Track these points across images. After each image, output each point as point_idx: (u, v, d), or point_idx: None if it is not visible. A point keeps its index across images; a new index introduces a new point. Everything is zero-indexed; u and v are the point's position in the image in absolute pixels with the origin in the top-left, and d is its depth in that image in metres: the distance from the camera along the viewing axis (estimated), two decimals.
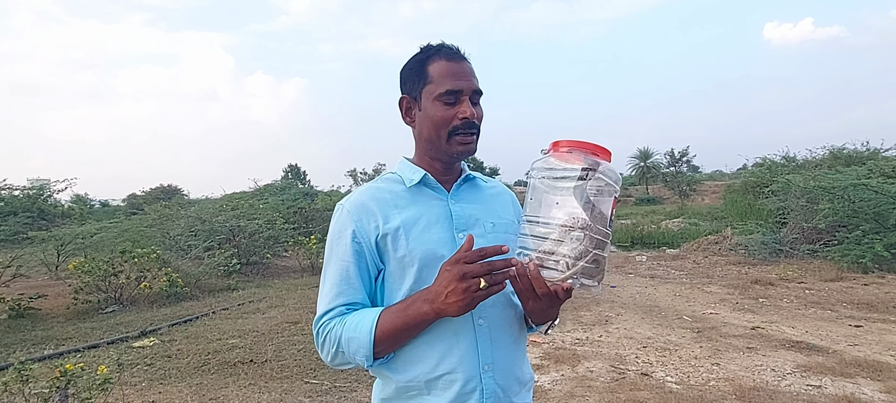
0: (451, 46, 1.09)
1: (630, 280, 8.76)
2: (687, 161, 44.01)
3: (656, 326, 5.53)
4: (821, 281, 7.77)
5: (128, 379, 4.09)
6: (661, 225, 17.05)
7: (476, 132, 1.07)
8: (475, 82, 1.06)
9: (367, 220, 1.05)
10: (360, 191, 1.11)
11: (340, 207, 1.10)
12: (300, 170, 42.12)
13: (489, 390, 1.01)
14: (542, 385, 3.85)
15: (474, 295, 0.90)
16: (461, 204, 1.10)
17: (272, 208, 14.36)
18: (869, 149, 12.86)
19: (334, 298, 1.02)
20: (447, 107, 1.04)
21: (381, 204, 1.06)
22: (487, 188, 1.18)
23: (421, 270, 1.01)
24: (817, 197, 9.51)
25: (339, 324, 1.00)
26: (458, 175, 1.14)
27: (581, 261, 0.88)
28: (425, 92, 1.07)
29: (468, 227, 1.06)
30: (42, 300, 6.93)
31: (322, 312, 1.03)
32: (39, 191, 14.84)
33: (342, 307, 1.02)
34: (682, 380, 3.91)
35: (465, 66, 1.07)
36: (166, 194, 27.73)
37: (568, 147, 0.94)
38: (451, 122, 1.04)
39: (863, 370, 4.00)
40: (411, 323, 0.96)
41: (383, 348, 0.98)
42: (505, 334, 1.06)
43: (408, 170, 1.12)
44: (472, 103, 1.06)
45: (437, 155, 1.10)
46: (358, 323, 0.98)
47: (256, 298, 7.62)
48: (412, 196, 1.09)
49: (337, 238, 1.06)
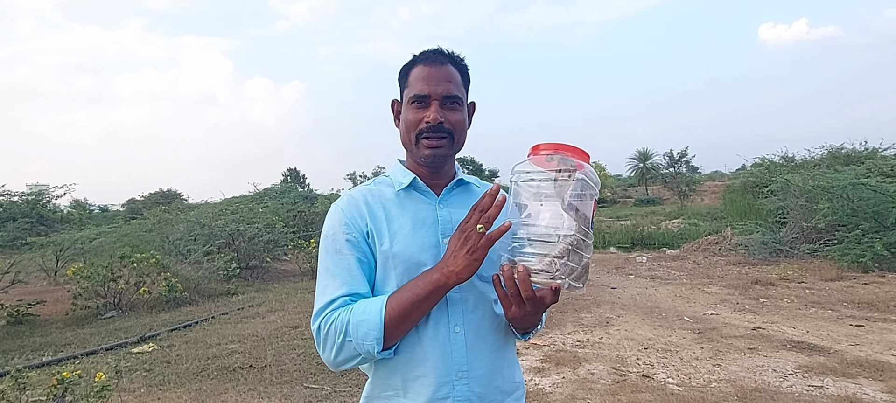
0: (436, 51, 1.09)
1: (630, 281, 8.75)
2: (686, 161, 44.08)
3: (657, 327, 5.52)
4: (821, 280, 7.76)
5: (126, 386, 4.07)
6: (660, 226, 17.05)
7: (445, 137, 1.05)
8: (450, 87, 1.05)
9: (358, 216, 1.06)
10: (353, 191, 1.12)
11: (334, 207, 1.11)
12: (299, 174, 42.09)
13: (462, 397, 1.01)
14: (542, 388, 3.84)
15: (478, 246, 0.92)
16: (449, 208, 1.09)
17: (272, 212, 14.37)
18: (867, 149, 12.86)
19: (337, 288, 1.00)
20: (416, 111, 1.05)
21: (370, 205, 1.08)
22: (479, 193, 1.15)
23: (404, 273, 1.02)
24: (816, 196, 9.51)
25: (345, 312, 0.97)
26: (449, 179, 1.13)
27: (568, 262, 0.89)
28: (404, 96, 1.09)
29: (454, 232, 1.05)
30: (41, 306, 6.92)
31: (323, 304, 0.99)
32: (38, 197, 14.80)
33: (345, 297, 0.99)
34: (684, 382, 3.89)
35: (440, 71, 1.05)
36: (166, 199, 27.68)
37: (547, 150, 0.94)
38: (418, 126, 1.05)
39: (864, 370, 3.99)
40: (422, 293, 0.95)
41: (394, 331, 0.96)
42: (483, 342, 1.05)
43: (399, 173, 1.12)
44: (445, 108, 1.04)
45: (414, 158, 1.11)
46: (366, 307, 0.97)
47: (256, 302, 7.60)
48: (400, 200, 1.09)
49: (332, 235, 1.06)
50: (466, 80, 1.12)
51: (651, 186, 41.65)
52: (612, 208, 33.37)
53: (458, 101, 1.07)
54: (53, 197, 15.26)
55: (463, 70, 1.11)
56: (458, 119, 1.06)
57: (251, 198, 19.73)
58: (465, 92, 1.11)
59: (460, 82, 1.09)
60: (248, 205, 14.49)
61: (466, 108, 1.12)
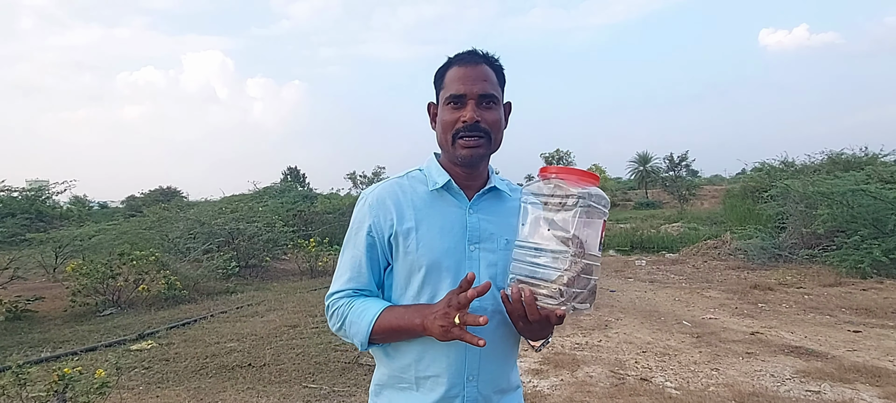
0: (470, 51, 1.10)
1: (629, 284, 8.75)
2: (686, 165, 44.03)
3: (656, 331, 5.52)
4: (820, 286, 7.77)
5: (125, 383, 4.07)
6: (660, 230, 17.03)
7: (483, 136, 1.05)
8: (485, 86, 1.05)
9: (383, 217, 1.08)
10: (384, 185, 1.14)
11: (364, 198, 1.14)
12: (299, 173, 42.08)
13: (470, 397, 1.07)
14: (541, 391, 3.84)
15: (451, 329, 0.93)
16: (479, 215, 1.09)
17: (271, 211, 14.35)
18: (867, 155, 12.88)
19: (346, 282, 1.11)
20: (453, 111, 1.06)
21: (398, 203, 1.09)
22: (510, 200, 1.15)
23: (427, 275, 1.05)
24: (816, 202, 9.52)
25: (347, 305, 1.08)
26: (483, 182, 1.13)
27: (573, 287, 0.90)
28: (440, 97, 1.11)
29: (482, 240, 1.07)
30: (39, 302, 6.90)
31: (335, 290, 1.12)
32: (38, 193, 14.79)
33: (350, 291, 1.10)
34: (682, 386, 3.90)
35: (476, 71, 1.06)
36: (165, 196, 27.66)
37: (557, 174, 0.96)
38: (455, 125, 1.05)
39: (862, 375, 3.99)
40: (404, 328, 1.02)
41: (378, 339, 1.06)
42: (496, 349, 1.08)
43: (435, 171, 1.12)
44: (481, 107, 1.05)
45: (450, 159, 1.11)
46: (363, 311, 1.06)
47: (255, 301, 7.60)
48: (432, 199, 1.10)
49: (356, 228, 1.12)
50: (502, 80, 1.12)
51: (651, 190, 41.65)
52: (612, 211, 32.92)
53: (495, 100, 1.07)
54: (53, 193, 15.27)
55: (498, 70, 1.11)
56: (494, 118, 1.07)
57: (251, 196, 19.68)
58: (501, 91, 1.11)
59: (496, 82, 1.09)
60: (248, 204, 14.46)
61: (503, 108, 1.12)
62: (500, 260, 1.07)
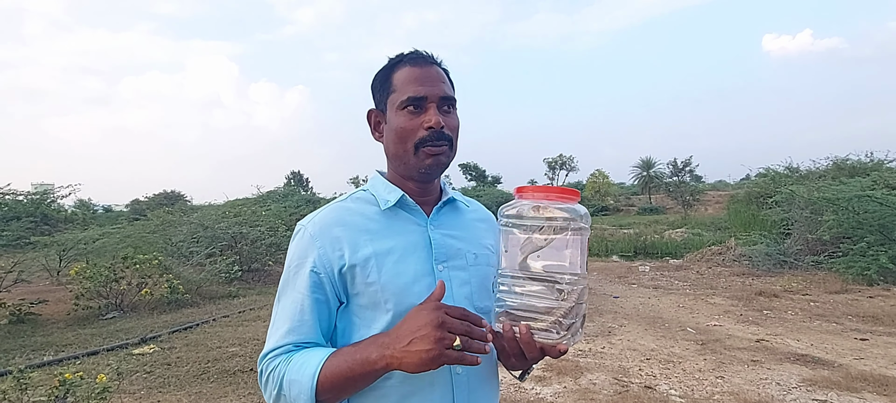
0: (419, 51, 0.98)
1: (633, 290, 8.71)
2: (690, 170, 43.97)
3: (660, 338, 5.48)
4: (826, 293, 7.71)
5: (127, 387, 4.07)
6: (664, 235, 16.97)
7: (447, 143, 0.93)
8: (444, 88, 0.95)
9: (331, 248, 0.91)
10: (327, 211, 0.97)
11: (301, 229, 0.95)
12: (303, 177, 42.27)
13: None
14: (544, 398, 3.81)
15: (445, 352, 0.77)
16: (441, 230, 0.98)
17: (274, 215, 14.39)
18: (873, 160, 12.81)
19: (284, 336, 0.90)
20: (411, 117, 0.92)
21: (349, 230, 0.93)
22: (469, 212, 1.06)
23: (397, 307, 0.89)
24: (821, 208, 9.47)
25: (284, 363, 0.87)
26: (437, 196, 1.02)
27: (569, 318, 0.82)
28: (389, 102, 0.95)
29: (449, 258, 0.95)
30: (43, 305, 6.94)
31: (269, 348, 0.90)
32: (43, 196, 14.84)
33: (290, 345, 0.89)
34: (686, 394, 3.86)
35: (432, 71, 0.95)
36: (169, 200, 27.82)
37: (534, 194, 0.87)
38: (417, 133, 0.92)
39: (869, 384, 3.95)
40: (357, 372, 0.81)
41: (329, 398, 0.83)
42: (484, 383, 0.97)
43: (383, 188, 0.98)
44: (441, 111, 0.93)
45: (407, 172, 0.97)
46: (303, 364, 0.85)
47: (257, 305, 7.60)
48: (387, 220, 0.95)
49: (295, 267, 0.93)
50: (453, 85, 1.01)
51: (654, 195, 41.60)
52: (615, 216, 33.30)
53: (454, 104, 0.97)
54: (58, 196, 15.31)
55: (447, 73, 1.00)
56: (455, 124, 0.96)
57: (254, 200, 19.75)
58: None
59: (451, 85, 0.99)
60: (251, 208, 14.50)
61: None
62: (473, 276, 0.97)
